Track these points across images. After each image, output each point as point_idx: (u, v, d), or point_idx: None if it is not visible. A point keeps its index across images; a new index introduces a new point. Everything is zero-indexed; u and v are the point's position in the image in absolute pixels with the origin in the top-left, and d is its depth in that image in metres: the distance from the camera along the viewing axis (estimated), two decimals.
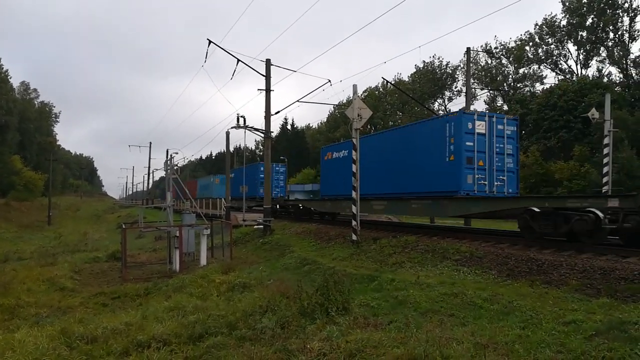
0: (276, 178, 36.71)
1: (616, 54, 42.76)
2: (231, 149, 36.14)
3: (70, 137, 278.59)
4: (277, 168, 37.55)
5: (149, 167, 69.24)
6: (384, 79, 56.02)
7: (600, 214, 10.50)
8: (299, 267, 14.17)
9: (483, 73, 51.75)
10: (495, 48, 50.12)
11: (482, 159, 14.64)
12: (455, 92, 57.98)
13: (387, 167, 17.84)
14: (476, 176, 14.44)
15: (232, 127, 24.65)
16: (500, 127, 15.05)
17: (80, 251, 26.30)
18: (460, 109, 17.26)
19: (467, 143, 14.36)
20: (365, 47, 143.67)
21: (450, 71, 56.87)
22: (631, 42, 41.70)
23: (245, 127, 23.71)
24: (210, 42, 22.24)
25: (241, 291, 11.67)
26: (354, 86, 16.29)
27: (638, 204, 10.08)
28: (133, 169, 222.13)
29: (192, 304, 10.23)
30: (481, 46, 51.49)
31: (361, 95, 61.37)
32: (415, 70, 59.09)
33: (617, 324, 6.23)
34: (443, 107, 58.97)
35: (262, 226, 22.75)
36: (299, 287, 9.15)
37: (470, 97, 28.00)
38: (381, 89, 64.09)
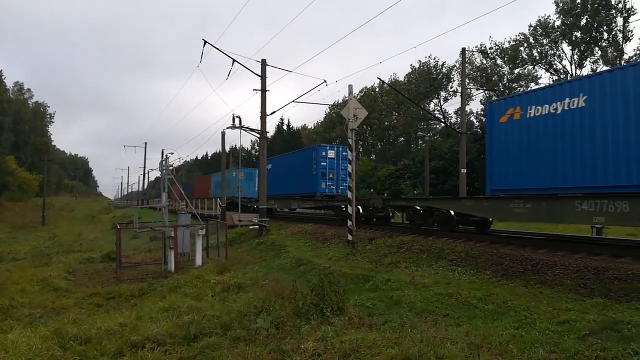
0: (343, 166, 24.11)
1: (610, 54, 42.98)
2: (227, 149, 35.89)
3: (67, 137, 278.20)
4: (343, 153, 24.34)
5: (144, 167, 69.16)
6: (379, 79, 56.10)
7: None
8: (295, 267, 14.16)
9: (478, 73, 51.88)
10: (490, 48, 50.26)
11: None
12: (450, 92, 58.10)
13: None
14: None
15: (227, 128, 24.64)
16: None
17: (75, 251, 26.16)
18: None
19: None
20: (362, 47, 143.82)
21: (446, 71, 56.98)
22: (625, 43, 41.90)
23: (241, 127, 23.67)
24: (205, 42, 22.19)
25: (236, 291, 11.66)
26: (350, 86, 16.30)
27: None
28: (128, 170, 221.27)
29: (186, 305, 10.20)
30: (476, 46, 51.61)
31: (357, 95, 61.43)
32: (411, 70, 59.21)
33: (611, 324, 6.26)
34: (439, 108, 59.13)
35: (257, 226, 22.73)
36: (294, 287, 9.14)
37: (466, 97, 28.08)
38: (377, 89, 64.12)
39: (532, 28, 47.24)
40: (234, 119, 23.45)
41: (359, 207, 19.57)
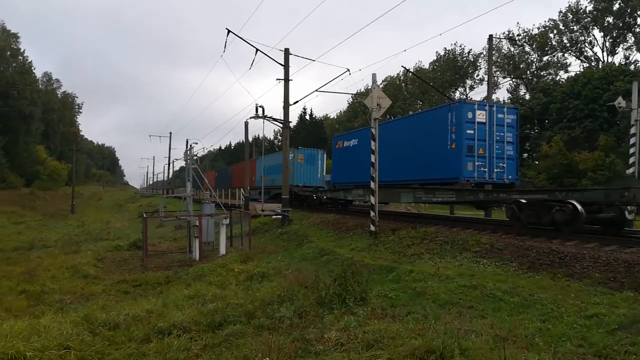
0: (500, 136, 15.84)
1: None
2: (250, 139, 35.83)
3: (95, 127, 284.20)
4: (499, 115, 15.86)
5: (169, 157, 70.26)
6: (403, 67, 55.42)
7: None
8: (317, 257, 14.21)
9: (505, 61, 50.78)
10: (518, 35, 49.04)
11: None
12: (477, 81, 57.07)
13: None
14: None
15: (251, 117, 24.72)
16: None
17: (103, 239, 26.81)
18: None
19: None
20: (387, 38, 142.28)
21: (472, 59, 55.91)
22: None
23: (264, 117, 23.74)
24: (229, 31, 22.27)
25: (260, 280, 11.77)
26: (373, 75, 16.13)
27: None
28: (154, 159, 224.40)
29: (211, 293, 10.35)
30: (504, 33, 50.42)
31: (381, 84, 60.85)
32: (436, 58, 58.28)
33: None
34: (464, 96, 58.16)
35: (280, 216, 22.86)
36: (317, 277, 9.16)
37: (492, 86, 27.52)
38: (402, 78, 63.40)
39: (562, 14, 45.91)
40: (257, 109, 23.54)
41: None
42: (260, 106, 23.60)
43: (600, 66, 43.45)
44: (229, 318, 8.19)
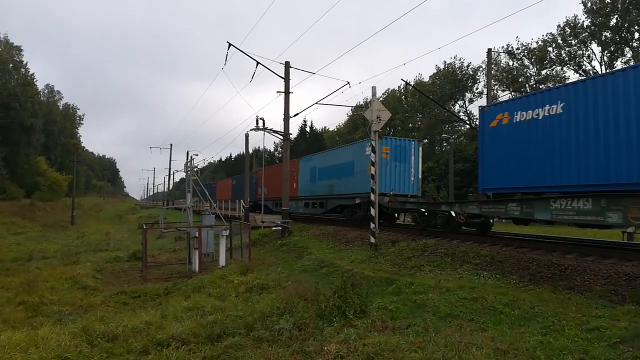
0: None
1: None
2: (250, 150, 35.85)
3: (98, 139, 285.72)
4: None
5: (170, 168, 70.38)
6: (403, 80, 55.71)
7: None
8: (317, 269, 14.16)
9: (505, 74, 51.04)
10: (517, 49, 49.35)
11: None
12: (476, 94, 57.31)
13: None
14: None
15: (251, 129, 24.81)
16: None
17: (103, 251, 26.75)
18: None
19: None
20: (389, 53, 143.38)
21: (472, 72, 56.23)
22: None
23: (265, 129, 23.83)
24: (230, 44, 22.44)
25: (259, 292, 11.71)
26: (373, 88, 16.22)
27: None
28: (154, 171, 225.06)
29: (210, 304, 10.29)
30: (503, 47, 50.73)
31: (380, 97, 61.14)
32: (435, 71, 58.61)
33: None
34: (464, 109, 58.41)
35: (280, 228, 22.82)
36: (317, 289, 9.13)
37: (492, 99, 27.67)
38: (402, 91, 63.68)
39: (560, 28, 46.26)
40: (257, 121, 23.64)
41: None
42: (260, 118, 23.71)
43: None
44: (228, 330, 8.14)
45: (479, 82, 56.42)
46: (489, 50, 29.92)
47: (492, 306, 7.99)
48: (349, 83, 23.28)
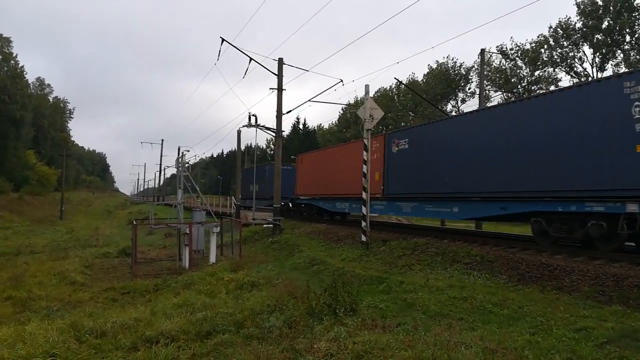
0: None
1: (633, 57, 42.14)
2: (242, 147, 35.61)
3: (91, 133, 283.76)
4: None
5: (160, 164, 69.93)
6: (396, 79, 55.87)
7: None
8: (308, 267, 14.16)
9: (497, 75, 51.27)
10: (511, 49, 49.56)
11: None
12: (468, 94, 57.52)
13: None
14: None
15: (243, 126, 24.73)
16: None
17: (92, 246, 26.50)
18: None
19: None
20: (388, 51, 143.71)
21: (464, 72, 56.41)
22: None
23: (257, 125, 23.78)
24: (223, 40, 22.34)
25: (249, 290, 11.68)
26: (366, 86, 16.22)
27: None
28: (145, 166, 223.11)
29: (200, 301, 10.25)
30: (497, 47, 50.90)
31: (374, 95, 61.20)
32: (428, 70, 58.74)
33: (630, 332, 6.15)
34: (456, 109, 58.58)
35: (271, 225, 22.79)
36: (308, 287, 9.13)
37: (484, 99, 27.80)
38: (394, 90, 63.78)
39: (552, 29, 46.55)
40: (250, 117, 23.58)
41: None
42: (253, 115, 23.66)
43: (589, 80, 43.83)
44: (218, 327, 8.11)
45: (472, 81, 56.68)
46: (482, 51, 30.08)
47: (482, 305, 8.04)
48: (342, 81, 23.32)
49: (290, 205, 31.52)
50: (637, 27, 41.28)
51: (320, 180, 24.61)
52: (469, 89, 57.44)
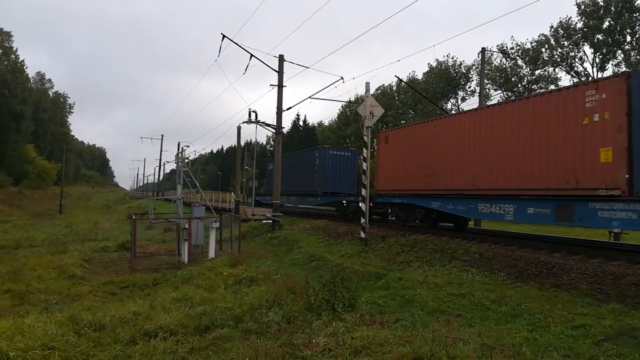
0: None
1: (633, 57, 42.09)
2: (242, 143, 35.53)
3: (92, 128, 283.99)
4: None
5: (160, 159, 69.88)
6: (396, 77, 55.79)
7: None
8: (307, 262, 14.18)
9: (497, 74, 51.19)
10: (512, 48, 49.47)
11: None
12: (469, 92, 57.43)
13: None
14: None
15: (243, 122, 24.69)
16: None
17: (91, 240, 26.50)
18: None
19: None
20: (383, 45, 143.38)
21: (465, 71, 56.31)
22: None
23: (257, 122, 23.75)
24: (224, 36, 22.28)
25: (248, 285, 11.70)
26: (367, 84, 16.20)
27: None
28: (144, 161, 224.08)
29: (199, 296, 10.28)
30: (498, 46, 50.81)
31: (374, 93, 61.09)
32: (428, 68, 58.59)
33: (627, 330, 6.17)
34: (456, 107, 58.51)
35: (270, 221, 22.79)
36: (306, 282, 9.14)
37: (484, 98, 27.79)
38: (395, 88, 63.67)
39: (552, 29, 46.49)
40: (250, 114, 23.55)
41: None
42: (253, 111, 23.62)
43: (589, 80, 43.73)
44: (217, 322, 8.13)
45: (472, 80, 56.58)
46: (483, 49, 30.02)
47: (480, 302, 8.07)
48: (342, 78, 23.28)
49: (360, 206, 19.39)
50: (637, 27, 41.23)
51: (436, 167, 15.94)
52: (469, 87, 57.36)
